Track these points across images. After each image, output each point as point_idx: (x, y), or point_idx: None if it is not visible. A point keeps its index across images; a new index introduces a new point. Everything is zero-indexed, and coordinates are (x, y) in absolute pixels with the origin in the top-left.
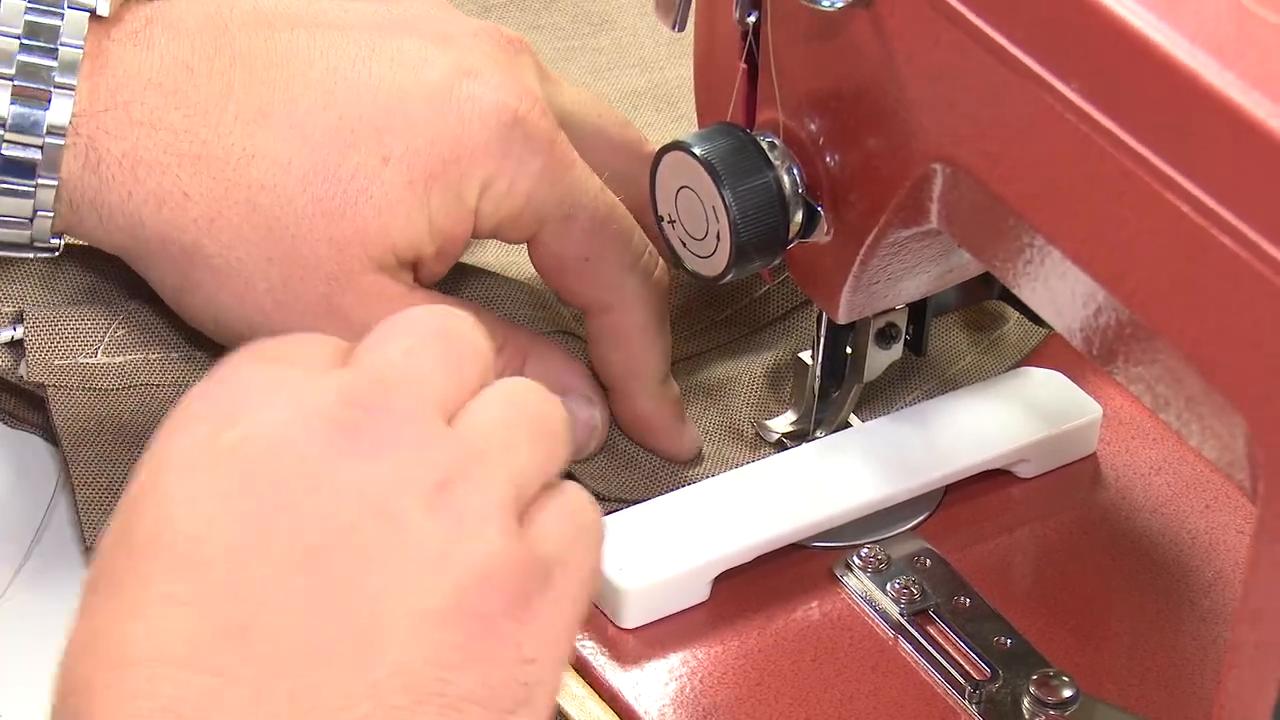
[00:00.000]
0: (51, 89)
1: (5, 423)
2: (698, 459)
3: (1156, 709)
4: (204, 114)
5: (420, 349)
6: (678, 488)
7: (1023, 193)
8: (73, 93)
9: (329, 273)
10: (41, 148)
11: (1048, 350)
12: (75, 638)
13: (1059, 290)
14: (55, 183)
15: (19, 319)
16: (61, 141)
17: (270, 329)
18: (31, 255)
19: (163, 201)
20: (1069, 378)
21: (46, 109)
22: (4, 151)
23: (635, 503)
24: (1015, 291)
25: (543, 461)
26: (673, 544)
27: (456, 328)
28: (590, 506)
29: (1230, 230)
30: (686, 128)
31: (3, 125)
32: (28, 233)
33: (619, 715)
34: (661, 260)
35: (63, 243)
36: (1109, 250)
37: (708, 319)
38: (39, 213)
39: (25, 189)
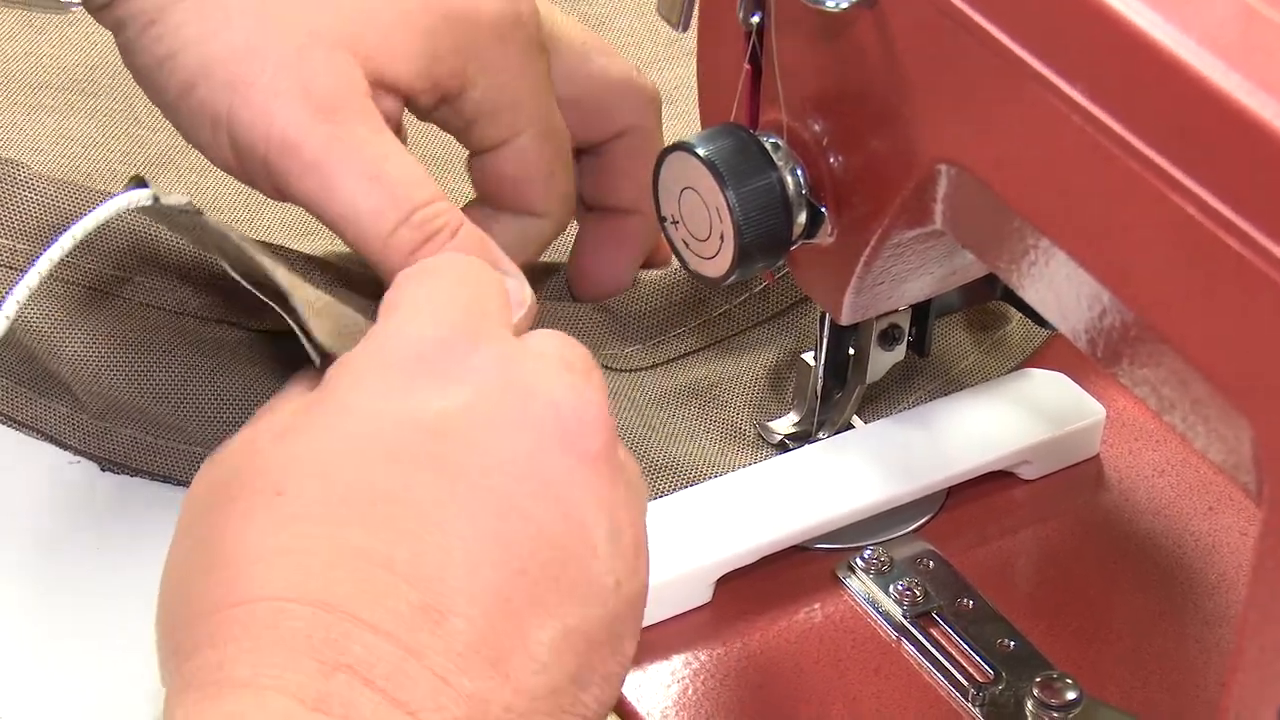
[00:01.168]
0: None
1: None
2: (699, 463)
3: (1160, 712)
4: None
5: (586, 377)
6: (680, 489)
7: (1028, 194)
8: None
9: (311, 28)
10: None
11: (1051, 351)
12: (222, 548)
13: (1064, 292)
14: None
15: (142, 181)
16: None
17: (227, 78)
18: (44, 12)
19: None
20: (1072, 379)
21: None
22: None
23: None
24: (1020, 293)
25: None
26: (675, 545)
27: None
28: None
29: (1236, 232)
30: (686, 126)
31: None
32: None
33: (621, 717)
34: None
35: (79, 4)
36: (1114, 252)
37: (705, 314)
38: None
39: None
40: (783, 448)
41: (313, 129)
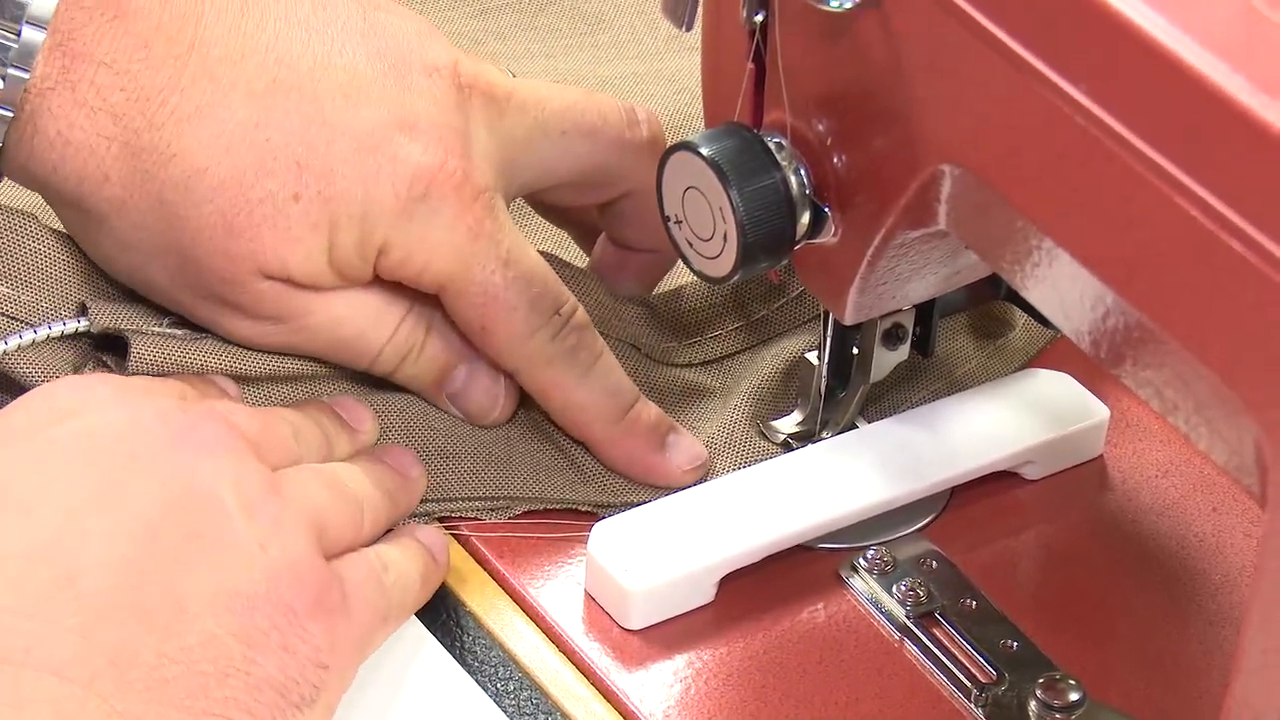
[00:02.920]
0: (7, 69)
1: None
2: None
3: (1163, 713)
4: (144, 102)
5: (239, 410)
6: (682, 489)
7: (1031, 195)
8: (28, 71)
9: (221, 278)
10: None
11: (1055, 352)
12: None
13: (1067, 293)
14: None
15: (83, 311)
16: (9, 114)
17: (170, 294)
18: None
19: (84, 178)
20: (1076, 379)
21: (2, 83)
22: None
23: (640, 504)
24: (1023, 294)
25: (344, 520)
26: (678, 545)
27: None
28: (402, 580)
29: (1238, 233)
30: (689, 101)
31: None
32: None
33: (623, 717)
34: (581, 307)
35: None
36: (1118, 253)
37: (743, 318)
38: None
39: None
40: (786, 447)
41: (271, 336)
